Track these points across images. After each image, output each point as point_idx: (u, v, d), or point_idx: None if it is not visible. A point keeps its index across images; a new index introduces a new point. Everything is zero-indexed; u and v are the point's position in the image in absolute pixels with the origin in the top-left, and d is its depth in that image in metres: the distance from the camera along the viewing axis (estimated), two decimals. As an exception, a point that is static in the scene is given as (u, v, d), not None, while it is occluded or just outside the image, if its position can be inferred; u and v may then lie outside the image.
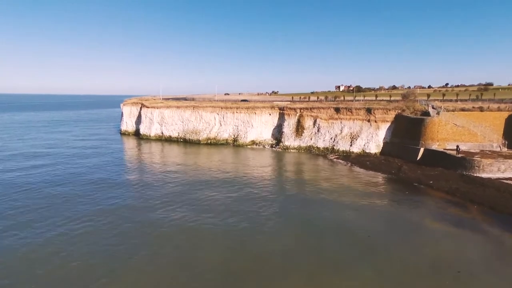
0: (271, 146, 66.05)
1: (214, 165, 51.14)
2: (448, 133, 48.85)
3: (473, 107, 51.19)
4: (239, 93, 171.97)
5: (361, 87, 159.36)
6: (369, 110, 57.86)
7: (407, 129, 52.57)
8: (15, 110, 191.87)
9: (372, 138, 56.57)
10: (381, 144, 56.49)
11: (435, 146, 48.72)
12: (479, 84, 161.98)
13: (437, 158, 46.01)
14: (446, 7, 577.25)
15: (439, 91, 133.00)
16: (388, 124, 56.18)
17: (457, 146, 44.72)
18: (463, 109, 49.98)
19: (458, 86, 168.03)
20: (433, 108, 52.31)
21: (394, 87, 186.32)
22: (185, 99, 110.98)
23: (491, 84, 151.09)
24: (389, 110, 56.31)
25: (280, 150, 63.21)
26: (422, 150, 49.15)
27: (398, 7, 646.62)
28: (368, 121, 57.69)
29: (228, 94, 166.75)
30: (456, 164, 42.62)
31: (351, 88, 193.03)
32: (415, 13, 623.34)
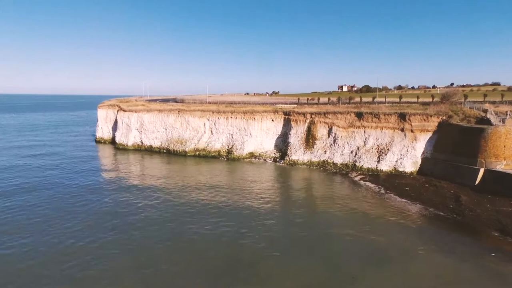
0: (274, 160, 52.70)
1: (202, 185, 38.37)
2: (520, 148, 35.68)
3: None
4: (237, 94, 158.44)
5: (370, 87, 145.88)
6: (402, 116, 44.50)
7: (457, 142, 39.31)
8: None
9: (408, 153, 43.25)
10: (419, 161, 43.15)
11: (501, 167, 35.53)
12: (485, 84, 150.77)
13: (509, 184, 32.83)
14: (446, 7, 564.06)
15: (479, 90, 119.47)
16: (429, 135, 42.85)
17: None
18: (539, 116, 36.70)
19: (463, 86, 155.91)
20: (495, 114, 38.98)
21: (400, 87, 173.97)
22: (174, 100, 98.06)
23: (498, 84, 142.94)
24: (430, 116, 43.00)
25: (285, 165, 49.87)
26: (482, 171, 35.98)
27: (397, 6, 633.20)
28: (402, 130, 44.33)
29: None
30: (545, 196, 29.42)
31: (356, 88, 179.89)
32: (415, 12, 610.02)
